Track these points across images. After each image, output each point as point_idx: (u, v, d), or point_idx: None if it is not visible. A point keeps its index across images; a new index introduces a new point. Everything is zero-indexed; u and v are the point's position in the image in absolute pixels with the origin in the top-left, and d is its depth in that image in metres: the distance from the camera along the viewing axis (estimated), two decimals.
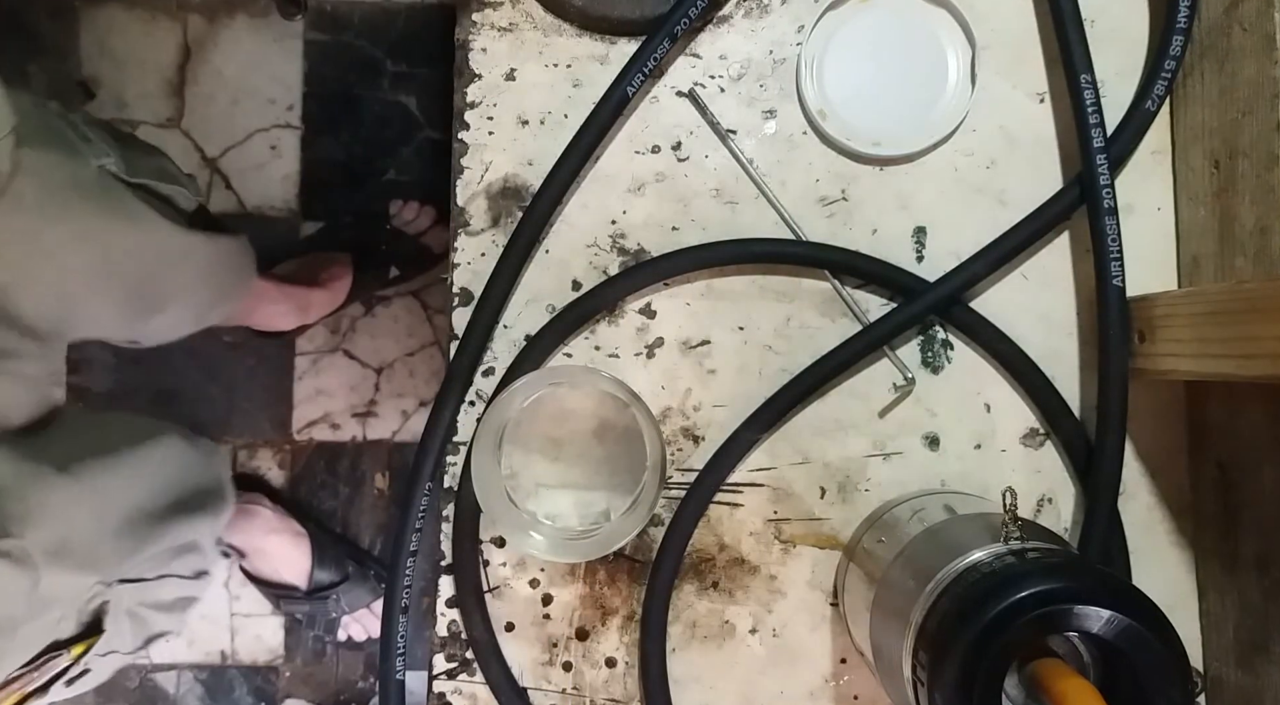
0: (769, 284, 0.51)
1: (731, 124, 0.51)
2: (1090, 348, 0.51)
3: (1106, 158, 0.47)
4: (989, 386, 0.51)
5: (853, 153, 0.51)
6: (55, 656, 0.69)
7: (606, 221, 0.51)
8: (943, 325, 0.51)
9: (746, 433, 0.49)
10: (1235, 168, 0.46)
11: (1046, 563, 0.38)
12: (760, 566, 0.51)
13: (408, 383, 1.29)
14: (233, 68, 1.27)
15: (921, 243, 0.51)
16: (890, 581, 0.43)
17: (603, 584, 0.51)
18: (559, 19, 0.51)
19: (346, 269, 1.19)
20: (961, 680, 0.35)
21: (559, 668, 0.51)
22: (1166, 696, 0.35)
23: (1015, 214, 0.50)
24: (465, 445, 0.50)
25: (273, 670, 1.28)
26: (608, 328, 0.51)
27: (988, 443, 0.51)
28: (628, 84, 0.48)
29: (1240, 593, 0.48)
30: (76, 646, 0.71)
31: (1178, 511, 0.51)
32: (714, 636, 0.51)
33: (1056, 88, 0.51)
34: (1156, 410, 0.51)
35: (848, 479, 0.51)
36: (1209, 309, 0.44)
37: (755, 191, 0.51)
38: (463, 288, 0.51)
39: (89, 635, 0.73)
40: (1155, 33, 0.51)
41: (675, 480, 0.51)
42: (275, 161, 1.27)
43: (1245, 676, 0.47)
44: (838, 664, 0.51)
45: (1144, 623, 0.35)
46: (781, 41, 0.52)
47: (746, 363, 0.51)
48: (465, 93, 0.51)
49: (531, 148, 0.51)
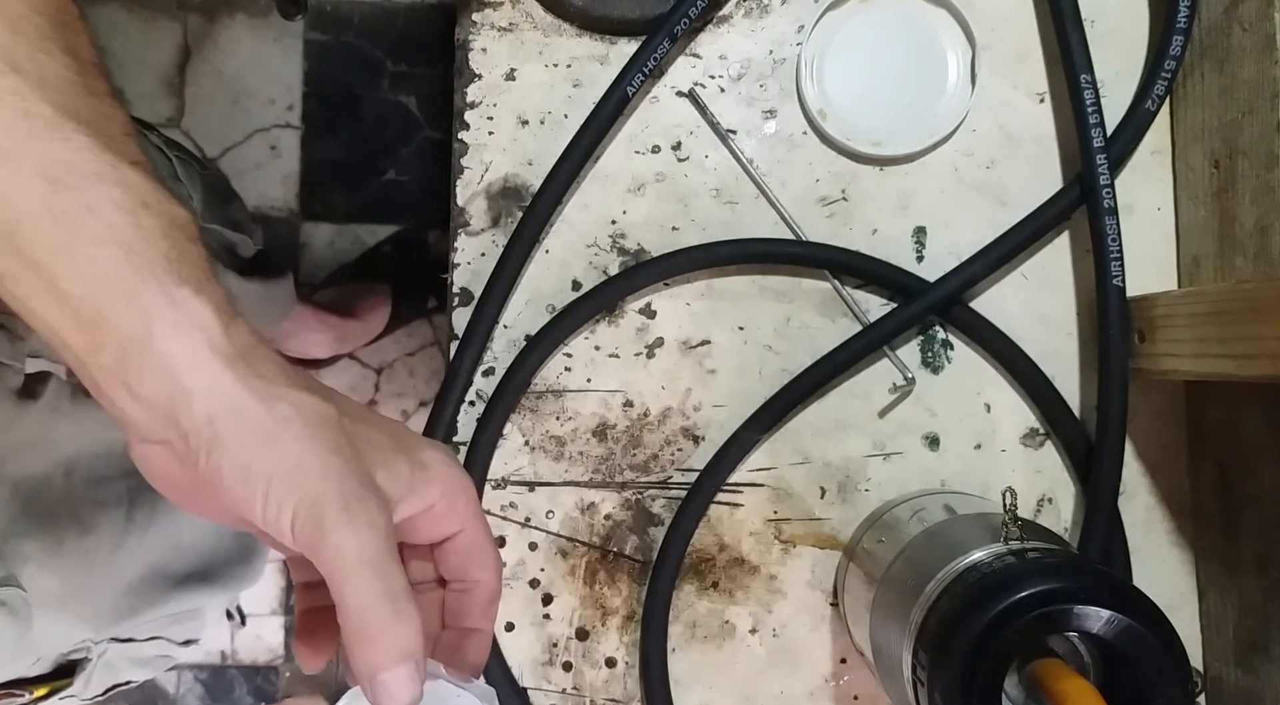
0: (769, 284, 0.51)
1: (731, 124, 0.51)
2: (1090, 348, 0.51)
3: (1106, 158, 0.47)
4: (989, 386, 0.51)
5: (853, 153, 0.51)
6: (15, 695, 0.67)
7: (606, 221, 0.51)
8: (943, 325, 0.51)
9: (746, 433, 0.49)
10: (1235, 168, 0.46)
11: (1046, 563, 0.38)
12: (760, 566, 0.51)
13: (408, 383, 1.29)
14: (233, 68, 1.27)
15: (921, 243, 0.51)
16: (890, 581, 0.43)
17: (603, 584, 0.51)
18: (559, 19, 0.51)
19: (385, 299, 1.20)
20: (961, 680, 0.35)
21: (559, 668, 0.51)
22: (1166, 696, 0.35)
23: (1015, 214, 0.50)
24: (465, 445, 0.50)
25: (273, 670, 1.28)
26: (608, 328, 0.51)
27: (988, 443, 0.51)
28: (628, 84, 0.48)
29: (1240, 593, 0.48)
30: (40, 688, 0.68)
31: (1178, 511, 0.51)
32: (714, 636, 0.51)
33: (1056, 88, 0.51)
34: (1156, 410, 0.51)
35: (848, 479, 0.51)
36: (1209, 309, 0.44)
37: (755, 191, 0.51)
38: (463, 288, 0.51)
39: (56, 678, 0.70)
40: (1155, 33, 0.51)
41: (675, 480, 0.51)
42: (275, 161, 1.28)
43: (1245, 676, 0.47)
44: (838, 664, 0.51)
45: (1144, 623, 0.35)
46: (781, 41, 0.52)
47: (746, 363, 0.51)
48: (465, 93, 0.51)
49: (531, 148, 0.51)
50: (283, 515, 0.28)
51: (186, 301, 0.28)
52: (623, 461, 0.51)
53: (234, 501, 0.28)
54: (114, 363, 0.27)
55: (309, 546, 0.28)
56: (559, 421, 0.51)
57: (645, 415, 0.51)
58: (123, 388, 0.28)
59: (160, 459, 0.29)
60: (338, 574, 0.28)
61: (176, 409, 0.28)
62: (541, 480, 0.51)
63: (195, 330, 0.28)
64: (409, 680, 0.28)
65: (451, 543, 0.34)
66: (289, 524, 0.28)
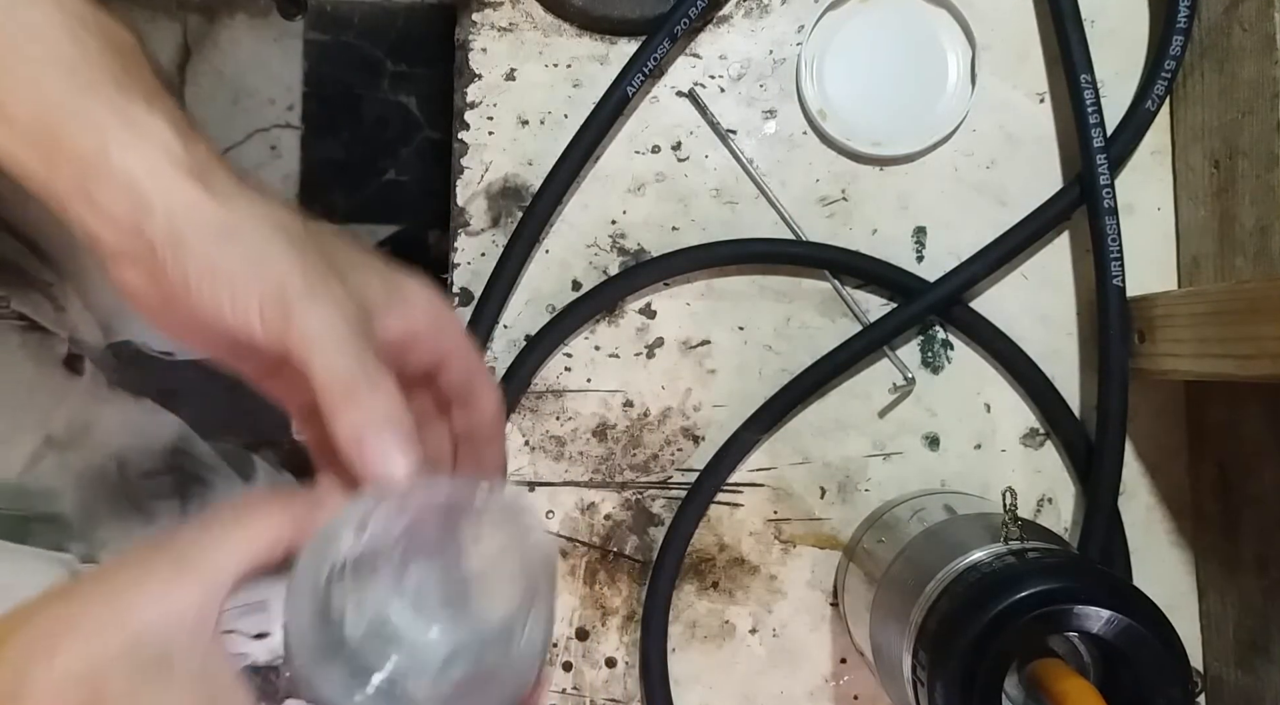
0: (769, 284, 0.51)
1: (731, 124, 0.51)
2: (1090, 348, 0.51)
3: (1106, 158, 0.47)
4: (989, 386, 0.51)
5: (853, 153, 0.51)
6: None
7: (606, 221, 0.51)
8: (943, 325, 0.51)
9: (746, 433, 0.49)
10: (1235, 168, 0.46)
11: (1046, 563, 0.38)
12: (760, 566, 0.51)
13: None
14: (233, 68, 1.27)
15: (921, 243, 0.51)
16: (890, 581, 0.43)
17: (603, 584, 0.51)
18: (559, 19, 0.51)
19: None
20: (961, 680, 0.35)
21: (559, 668, 0.51)
22: (1166, 696, 0.35)
23: (1015, 214, 0.50)
24: None
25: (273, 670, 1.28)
26: (608, 328, 0.51)
27: (988, 443, 0.51)
28: (628, 84, 0.48)
29: (1240, 593, 0.48)
30: None
31: (1178, 511, 0.51)
32: (714, 636, 0.51)
33: (1056, 88, 0.51)
34: (1156, 410, 0.51)
35: (848, 479, 0.51)
36: (1209, 309, 0.43)
37: (755, 191, 0.51)
38: (463, 288, 0.51)
39: None
40: (1155, 33, 0.51)
41: (675, 480, 0.51)
42: (275, 161, 1.27)
43: (1245, 676, 0.47)
44: (838, 664, 0.51)
45: (1144, 623, 0.35)
46: (781, 41, 0.52)
47: (746, 363, 0.51)
48: (465, 93, 0.51)
49: (531, 148, 0.51)
50: (250, 309, 0.28)
51: (139, 118, 0.28)
52: (623, 461, 0.51)
53: (204, 306, 0.28)
54: (74, 183, 0.27)
55: (278, 336, 0.28)
56: (559, 421, 0.51)
57: (645, 415, 0.51)
58: (86, 206, 0.28)
59: (133, 277, 0.29)
60: (306, 353, 0.28)
61: (140, 220, 0.28)
62: (541, 480, 0.51)
63: (152, 145, 0.28)
64: (395, 446, 0.28)
65: (446, 369, 0.34)
66: (257, 316, 0.28)
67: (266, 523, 0.28)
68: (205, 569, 0.27)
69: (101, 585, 0.26)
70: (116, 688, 0.25)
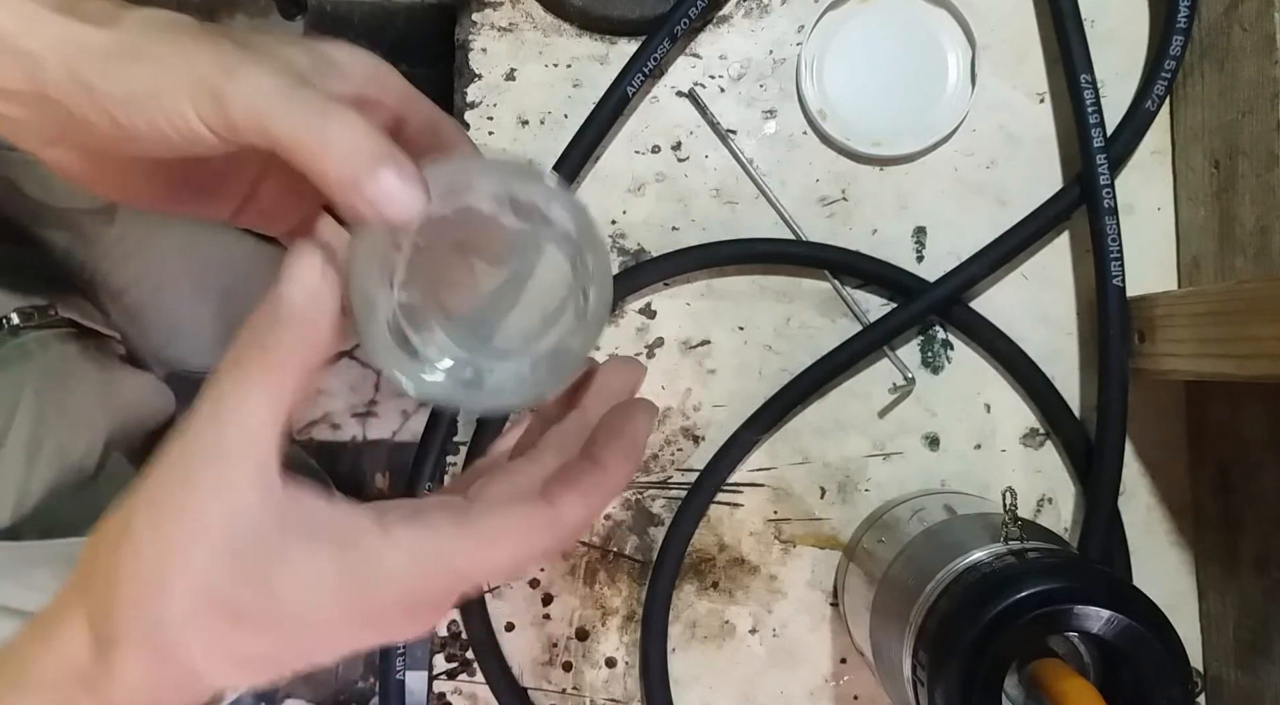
0: (769, 284, 0.51)
1: (731, 124, 0.51)
2: (1090, 348, 0.51)
3: (1106, 158, 0.47)
4: (989, 386, 0.51)
5: (853, 153, 0.51)
6: None
7: (606, 221, 0.51)
8: (943, 325, 0.51)
9: (746, 433, 0.49)
10: (1235, 168, 0.46)
11: (1046, 563, 0.38)
12: (760, 566, 0.51)
13: None
14: None
15: (921, 243, 0.51)
16: (890, 581, 0.43)
17: (603, 584, 0.51)
18: (559, 19, 0.51)
19: None
20: (961, 680, 0.35)
21: (559, 668, 0.51)
22: (1166, 696, 0.35)
23: (1015, 214, 0.50)
24: (466, 446, 0.50)
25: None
26: (608, 327, 0.51)
27: (988, 443, 0.51)
28: (628, 84, 0.48)
29: (1240, 593, 0.48)
30: None
31: (1178, 511, 0.51)
32: (714, 636, 0.51)
33: (1056, 88, 0.51)
34: (1156, 410, 0.51)
35: (848, 479, 0.51)
36: (1209, 309, 0.43)
37: (755, 191, 0.51)
38: None
39: None
40: (1155, 33, 0.51)
41: (675, 480, 0.51)
42: None
43: (1245, 676, 0.47)
44: (838, 664, 0.51)
45: (1144, 623, 0.35)
46: (781, 41, 0.52)
47: (746, 363, 0.51)
48: (465, 93, 0.51)
49: (531, 148, 0.51)
50: (186, 114, 0.26)
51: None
52: None
53: (141, 136, 0.26)
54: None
55: (223, 127, 0.26)
56: None
57: None
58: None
59: (67, 160, 0.28)
60: (258, 124, 0.25)
61: (38, 82, 0.26)
62: None
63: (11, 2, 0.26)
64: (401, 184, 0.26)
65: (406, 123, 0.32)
66: (195, 118, 0.26)
67: (273, 375, 0.26)
68: (239, 460, 0.25)
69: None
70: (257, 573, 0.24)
